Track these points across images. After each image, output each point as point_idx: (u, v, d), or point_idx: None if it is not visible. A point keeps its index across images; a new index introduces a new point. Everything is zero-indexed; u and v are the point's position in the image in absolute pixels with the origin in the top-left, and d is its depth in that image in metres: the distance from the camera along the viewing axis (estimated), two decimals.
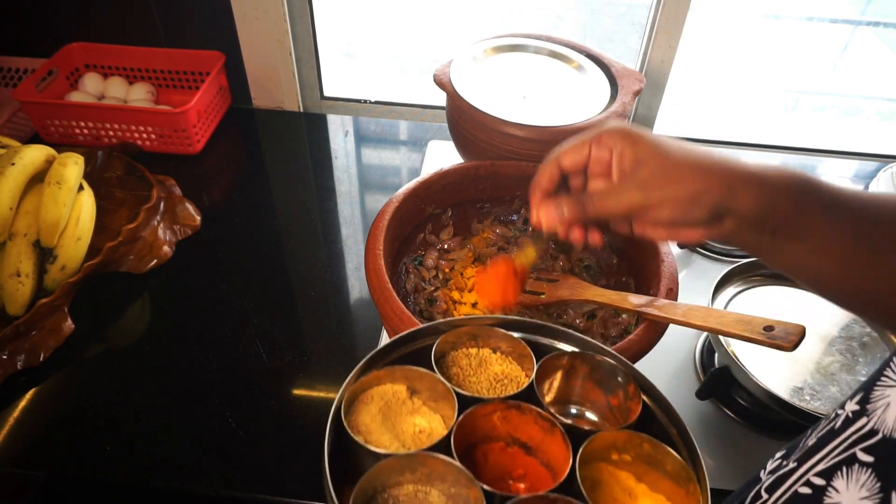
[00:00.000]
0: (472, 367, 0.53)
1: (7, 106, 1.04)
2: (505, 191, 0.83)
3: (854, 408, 0.36)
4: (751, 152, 1.14)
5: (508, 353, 0.54)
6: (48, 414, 0.70)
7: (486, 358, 0.54)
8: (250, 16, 1.04)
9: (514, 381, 0.52)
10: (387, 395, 0.50)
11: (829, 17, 1.92)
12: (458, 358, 0.54)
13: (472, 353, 0.54)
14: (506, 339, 0.53)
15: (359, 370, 0.49)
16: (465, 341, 0.54)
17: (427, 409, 0.50)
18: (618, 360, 0.51)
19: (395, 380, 0.50)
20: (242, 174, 1.04)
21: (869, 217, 0.41)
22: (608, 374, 0.51)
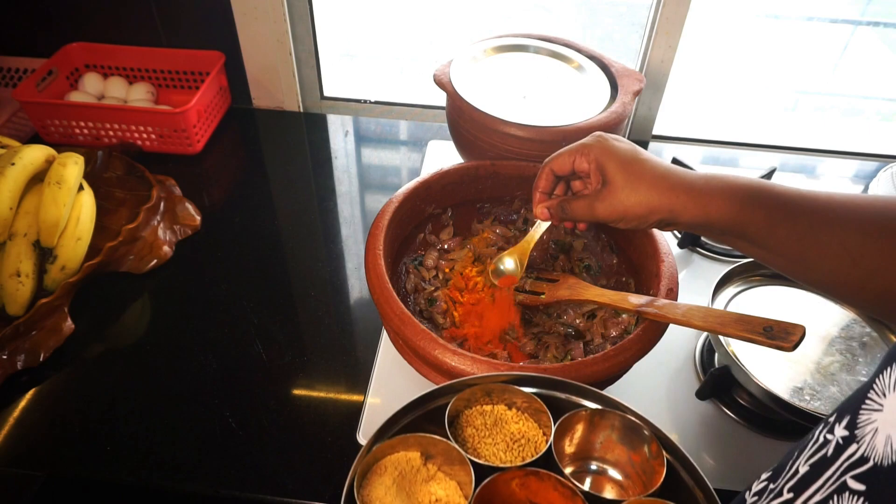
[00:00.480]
0: (486, 426, 0.52)
1: (7, 106, 1.04)
2: (505, 191, 0.83)
3: (843, 433, 0.35)
4: (751, 152, 1.13)
5: (524, 409, 0.53)
6: (48, 414, 0.70)
7: (502, 416, 0.53)
8: (250, 16, 1.04)
9: (532, 441, 0.51)
10: (401, 463, 0.49)
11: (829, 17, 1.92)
12: (472, 417, 0.53)
13: (486, 410, 0.53)
14: (521, 396, 0.52)
15: (371, 441, 0.48)
16: (480, 398, 0.53)
17: (442, 476, 0.48)
18: (640, 417, 0.50)
19: (409, 447, 0.49)
20: (242, 174, 1.04)
21: (812, 220, 0.47)
22: (630, 431, 0.51)
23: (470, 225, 0.84)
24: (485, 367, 0.57)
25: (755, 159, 1.12)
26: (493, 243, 0.81)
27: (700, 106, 1.44)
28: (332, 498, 0.63)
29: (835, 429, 0.36)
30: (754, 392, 0.66)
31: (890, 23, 1.89)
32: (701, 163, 1.10)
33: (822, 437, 0.38)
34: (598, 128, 0.79)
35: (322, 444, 0.68)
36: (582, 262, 0.80)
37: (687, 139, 1.15)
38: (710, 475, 0.63)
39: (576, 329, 0.73)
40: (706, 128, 1.17)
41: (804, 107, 1.72)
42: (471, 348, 0.72)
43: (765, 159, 1.11)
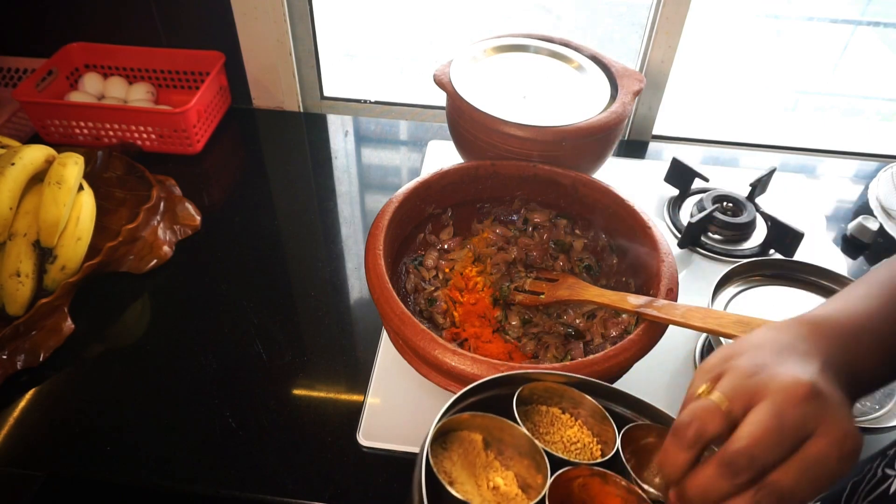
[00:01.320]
0: (544, 424, 0.51)
1: (7, 106, 1.04)
2: (505, 191, 0.83)
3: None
4: (751, 152, 1.14)
5: (577, 416, 0.51)
6: (48, 414, 0.70)
7: (557, 417, 0.51)
8: (250, 16, 1.04)
9: (588, 448, 0.49)
10: (465, 442, 0.47)
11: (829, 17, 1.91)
12: (530, 413, 0.51)
13: (542, 409, 0.51)
14: (583, 402, 0.50)
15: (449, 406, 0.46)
16: (535, 397, 0.51)
17: (499, 465, 0.47)
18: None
19: (473, 428, 0.47)
20: (242, 174, 1.04)
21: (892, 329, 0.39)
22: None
23: (470, 225, 0.84)
24: (485, 368, 0.57)
25: (755, 159, 1.12)
26: (493, 243, 0.81)
27: (700, 106, 1.44)
28: (332, 498, 0.63)
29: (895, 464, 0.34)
30: None
31: (890, 23, 1.89)
32: (701, 163, 1.10)
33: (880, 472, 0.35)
34: (599, 128, 0.79)
35: (322, 444, 0.68)
36: (582, 262, 0.80)
37: (687, 139, 1.15)
38: None
39: (576, 329, 0.73)
40: (706, 128, 1.17)
41: (804, 107, 1.72)
42: (471, 348, 0.72)
43: (765, 159, 1.11)
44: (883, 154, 1.13)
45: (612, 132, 0.83)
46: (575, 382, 0.51)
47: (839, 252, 0.93)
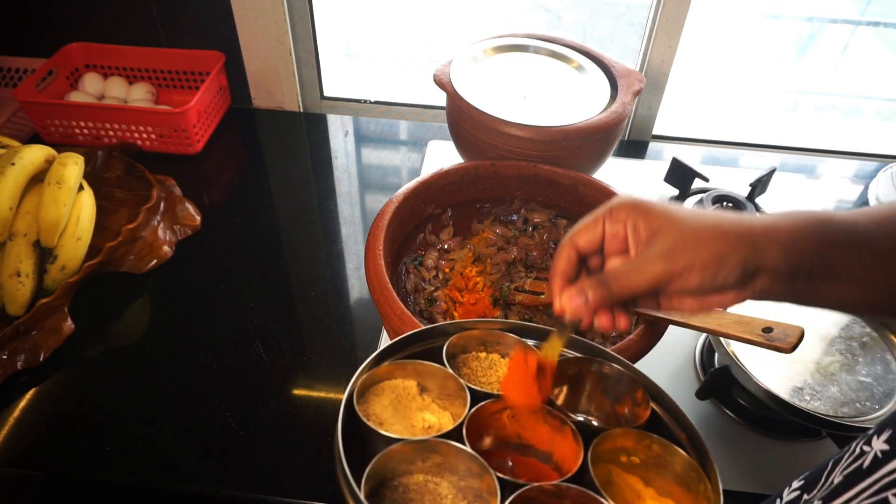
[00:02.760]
0: (482, 368, 0.53)
1: (7, 106, 1.04)
2: (505, 191, 0.83)
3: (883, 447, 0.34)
4: (751, 152, 1.14)
5: None
6: (48, 414, 0.70)
7: (496, 362, 0.54)
8: (250, 16, 1.04)
9: None
10: (397, 389, 0.50)
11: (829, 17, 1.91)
12: (468, 360, 0.54)
13: (481, 356, 0.54)
14: (513, 345, 0.53)
15: (371, 361, 0.49)
16: (475, 346, 0.54)
17: (436, 407, 0.49)
18: (626, 366, 0.50)
19: (407, 375, 0.50)
20: (242, 174, 1.04)
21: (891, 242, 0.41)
22: (616, 381, 0.51)
23: (470, 225, 0.84)
24: None
25: (755, 159, 1.12)
26: (493, 243, 0.81)
27: (700, 106, 1.44)
28: (332, 498, 0.63)
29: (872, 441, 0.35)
30: (754, 392, 0.66)
31: (890, 23, 1.89)
32: (701, 163, 1.10)
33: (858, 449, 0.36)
34: (599, 128, 0.79)
35: (322, 444, 0.68)
36: None
37: (687, 139, 1.15)
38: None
39: (576, 329, 0.73)
40: (706, 128, 1.17)
41: (804, 107, 1.72)
42: None
43: (765, 159, 1.11)
44: (883, 154, 1.13)
45: (612, 132, 0.82)
46: (505, 328, 0.53)
47: None
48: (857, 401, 0.66)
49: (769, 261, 0.41)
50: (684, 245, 0.42)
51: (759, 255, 0.41)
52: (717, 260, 0.41)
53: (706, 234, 0.42)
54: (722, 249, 0.41)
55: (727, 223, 0.42)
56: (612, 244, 0.46)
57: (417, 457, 0.44)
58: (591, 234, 0.46)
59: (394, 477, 0.44)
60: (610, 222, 0.45)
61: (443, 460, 0.44)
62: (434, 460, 0.44)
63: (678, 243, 0.42)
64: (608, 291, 0.45)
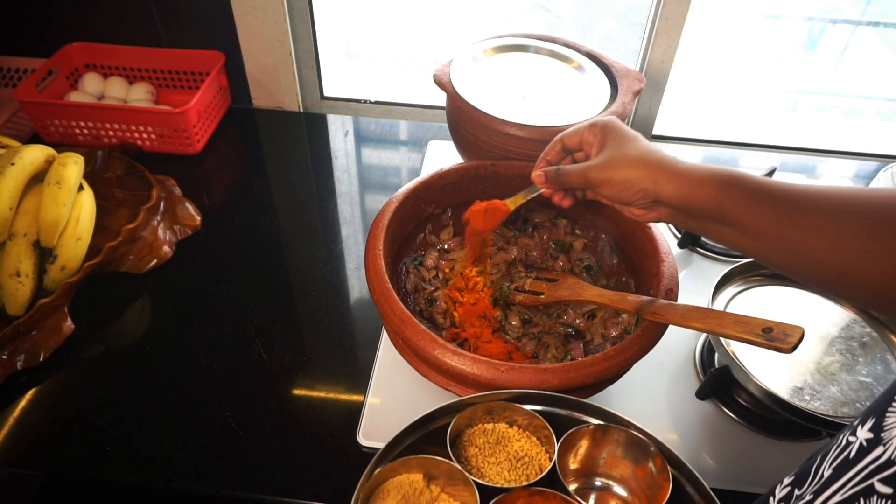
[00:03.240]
0: (489, 445, 0.52)
1: (7, 106, 1.04)
2: (505, 191, 0.83)
3: (867, 436, 0.35)
4: (751, 152, 1.13)
5: (525, 426, 0.53)
6: (48, 414, 0.70)
7: (504, 434, 0.53)
8: (250, 16, 1.04)
9: (535, 459, 0.51)
10: (403, 486, 0.49)
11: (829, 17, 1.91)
12: (474, 436, 0.53)
13: (488, 428, 0.53)
14: (522, 413, 0.52)
15: (372, 465, 0.48)
16: (480, 417, 0.53)
17: (446, 497, 0.48)
18: (643, 433, 0.50)
19: (411, 469, 0.49)
20: (242, 174, 1.04)
21: (793, 204, 0.47)
22: (634, 446, 0.51)
23: None
24: (485, 368, 0.57)
25: (755, 159, 1.12)
26: (493, 243, 0.81)
27: (700, 106, 1.44)
28: (332, 498, 0.63)
29: (857, 431, 0.36)
30: (754, 392, 0.66)
31: (890, 23, 1.89)
32: (701, 163, 1.10)
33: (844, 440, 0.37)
34: None
35: (322, 444, 0.68)
36: (582, 262, 0.80)
37: (687, 139, 1.15)
38: (709, 475, 0.63)
39: (576, 329, 0.73)
40: (706, 128, 1.17)
41: (804, 107, 1.72)
42: (471, 348, 0.72)
43: (765, 159, 1.11)
44: (883, 154, 1.13)
45: None
46: (511, 398, 0.53)
47: None
48: (857, 401, 0.66)
49: (665, 196, 0.53)
50: (610, 164, 0.57)
51: (658, 189, 0.53)
52: (625, 182, 0.55)
53: (630, 160, 0.55)
54: (630, 177, 0.55)
55: (651, 158, 0.55)
56: (585, 148, 0.61)
57: None
58: (574, 138, 0.62)
59: None
60: (587, 132, 0.60)
61: None
62: None
63: (607, 161, 0.57)
64: (557, 179, 0.62)
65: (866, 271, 0.44)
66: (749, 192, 0.49)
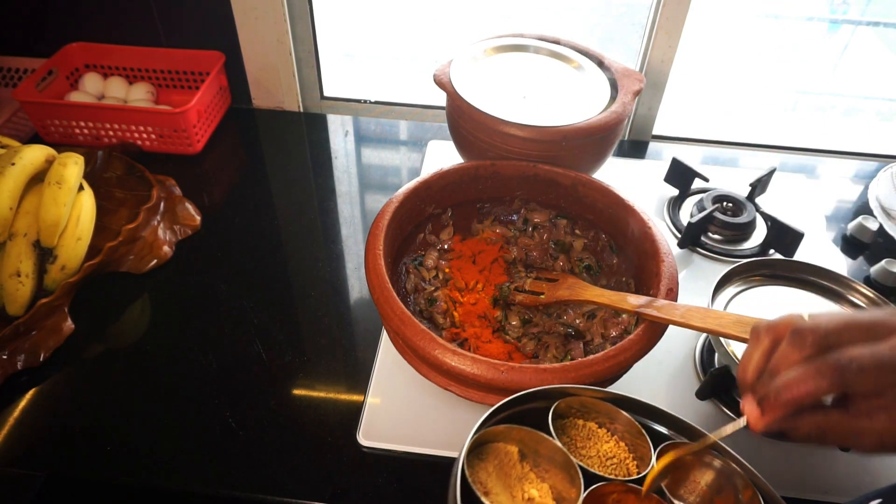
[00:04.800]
0: (581, 438, 0.52)
1: (7, 106, 1.04)
2: (505, 191, 0.83)
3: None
4: (751, 152, 1.13)
5: (614, 431, 0.52)
6: (48, 414, 0.70)
7: (594, 432, 0.52)
8: (250, 16, 1.04)
9: (623, 463, 0.50)
10: (500, 454, 0.48)
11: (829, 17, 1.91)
12: (567, 427, 0.52)
13: (579, 423, 0.53)
14: (617, 417, 0.51)
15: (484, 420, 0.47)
16: (574, 412, 0.53)
17: (534, 476, 0.48)
18: (739, 463, 0.49)
19: (510, 440, 0.49)
20: (242, 174, 1.04)
21: None
22: (723, 475, 0.49)
23: (470, 225, 0.84)
24: (485, 367, 0.57)
25: (755, 159, 1.12)
26: (493, 243, 0.81)
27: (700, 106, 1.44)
28: (332, 498, 0.63)
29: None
30: None
31: (890, 23, 1.89)
32: (701, 163, 1.10)
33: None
34: (599, 128, 0.79)
35: (322, 444, 0.68)
36: (582, 262, 0.80)
37: (687, 139, 1.15)
38: None
39: (576, 329, 0.73)
40: (706, 128, 1.17)
41: (804, 107, 1.72)
42: (471, 348, 0.72)
43: (765, 159, 1.11)
44: (883, 154, 1.13)
45: (612, 132, 0.82)
46: (612, 398, 0.52)
47: (839, 252, 0.93)
48: None
49: None
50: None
51: None
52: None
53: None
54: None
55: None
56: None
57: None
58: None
59: None
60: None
61: None
62: None
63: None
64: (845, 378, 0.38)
65: None
66: None
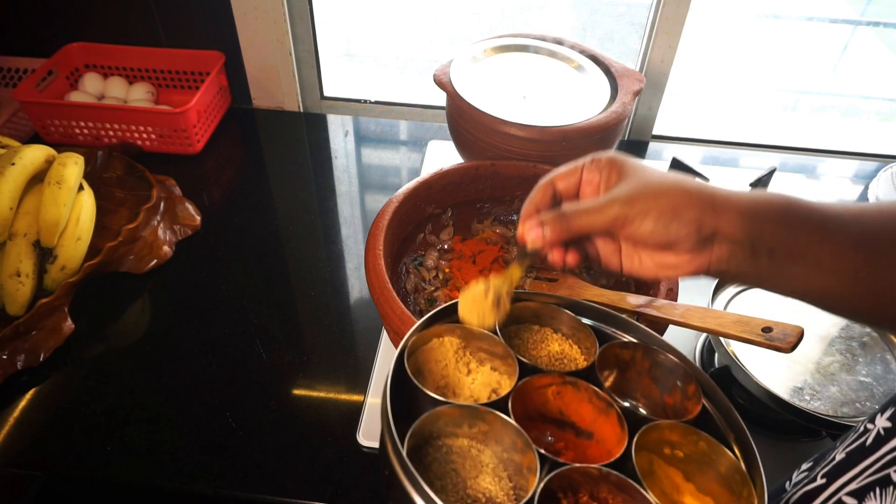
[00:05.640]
0: (533, 341, 0.54)
1: (7, 106, 1.04)
2: (505, 191, 0.83)
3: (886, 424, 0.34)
4: (751, 152, 1.14)
5: (569, 336, 0.54)
6: (48, 414, 0.70)
7: (548, 335, 0.54)
8: (250, 16, 1.04)
9: (573, 361, 0.52)
10: (447, 351, 0.50)
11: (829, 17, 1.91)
12: (520, 331, 0.54)
13: (534, 328, 0.54)
14: (569, 322, 0.53)
15: (424, 322, 0.49)
16: (528, 317, 0.54)
17: (484, 370, 0.50)
18: (682, 358, 0.50)
19: (455, 337, 0.50)
20: (242, 174, 1.04)
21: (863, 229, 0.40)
22: (669, 371, 0.50)
23: (470, 225, 0.84)
24: None
25: (755, 159, 1.12)
26: (493, 243, 0.81)
27: (700, 106, 1.44)
28: (332, 498, 0.63)
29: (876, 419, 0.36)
30: (754, 392, 0.66)
31: (890, 23, 1.89)
32: (701, 163, 1.10)
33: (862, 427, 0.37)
34: (599, 128, 0.79)
35: (322, 444, 0.68)
36: None
37: (687, 139, 1.15)
38: None
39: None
40: (706, 128, 1.17)
41: (804, 107, 1.72)
42: None
43: (765, 159, 1.11)
44: (883, 154, 1.13)
45: (612, 132, 0.82)
46: (562, 303, 0.53)
47: None
48: (857, 401, 0.66)
49: (726, 225, 0.41)
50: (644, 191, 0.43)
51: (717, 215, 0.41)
52: (672, 210, 0.41)
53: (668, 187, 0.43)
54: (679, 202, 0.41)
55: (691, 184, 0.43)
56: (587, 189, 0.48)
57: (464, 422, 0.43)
58: (570, 178, 0.48)
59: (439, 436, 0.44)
60: (588, 170, 0.47)
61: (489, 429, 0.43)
62: (480, 428, 0.44)
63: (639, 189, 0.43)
64: (565, 225, 0.46)
65: None
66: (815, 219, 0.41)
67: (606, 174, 0.46)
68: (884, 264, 0.39)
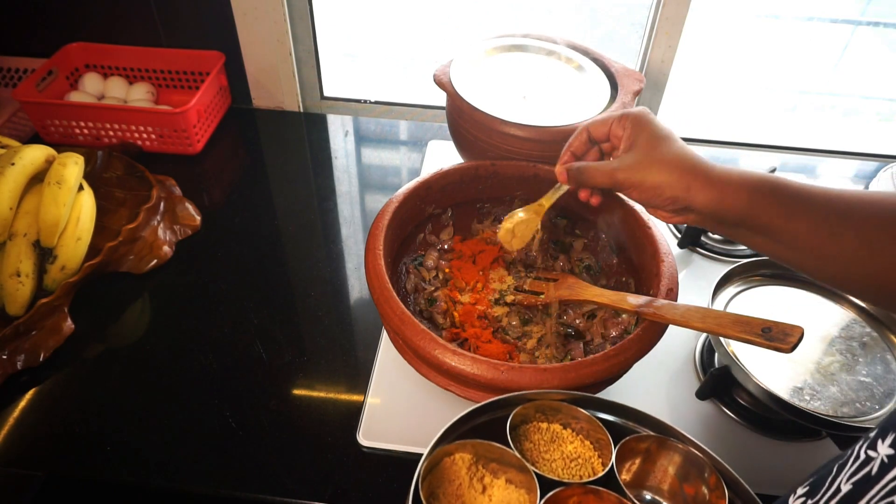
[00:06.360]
0: (544, 442, 0.53)
1: (7, 106, 1.04)
2: (505, 191, 0.83)
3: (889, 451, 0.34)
4: (751, 152, 1.13)
5: (579, 430, 0.53)
6: (48, 414, 0.70)
7: (558, 434, 0.53)
8: (250, 16, 1.04)
9: (588, 462, 0.51)
10: (459, 469, 0.49)
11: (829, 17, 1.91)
12: (529, 432, 0.53)
13: (542, 427, 0.53)
14: (578, 416, 0.52)
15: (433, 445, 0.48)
16: (534, 415, 0.53)
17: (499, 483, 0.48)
18: (701, 450, 0.50)
19: (466, 453, 0.49)
20: (242, 174, 1.04)
21: (833, 212, 0.46)
22: (686, 461, 0.50)
23: (470, 225, 0.84)
24: (485, 367, 0.57)
25: (755, 159, 1.12)
26: (493, 243, 0.81)
27: (700, 106, 1.45)
28: (332, 498, 0.63)
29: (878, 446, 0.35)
30: (754, 392, 0.66)
31: (890, 23, 1.89)
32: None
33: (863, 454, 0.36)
34: None
35: (322, 444, 0.68)
36: (582, 262, 0.80)
37: (687, 139, 1.14)
38: None
39: (576, 329, 0.73)
40: (706, 128, 1.18)
41: (804, 107, 1.72)
42: (471, 348, 0.72)
43: (765, 159, 1.11)
44: (883, 154, 1.13)
45: None
46: (570, 399, 0.52)
47: None
48: (857, 401, 0.66)
49: (697, 203, 0.52)
50: (640, 166, 0.54)
51: (690, 197, 0.52)
52: (656, 188, 0.53)
53: (662, 164, 0.53)
54: (664, 181, 0.53)
55: (685, 162, 0.53)
56: (614, 141, 0.58)
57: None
58: (602, 128, 0.59)
59: None
60: (616, 125, 0.57)
61: None
62: None
63: (637, 163, 0.55)
64: (581, 178, 0.60)
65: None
66: (786, 201, 0.48)
67: (629, 132, 0.56)
68: (848, 244, 0.45)
